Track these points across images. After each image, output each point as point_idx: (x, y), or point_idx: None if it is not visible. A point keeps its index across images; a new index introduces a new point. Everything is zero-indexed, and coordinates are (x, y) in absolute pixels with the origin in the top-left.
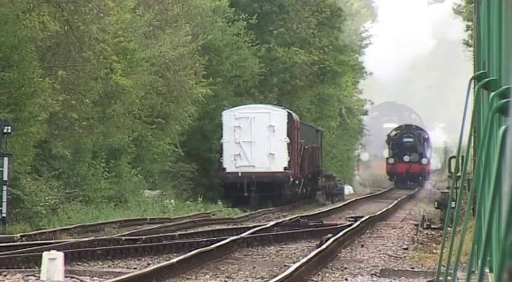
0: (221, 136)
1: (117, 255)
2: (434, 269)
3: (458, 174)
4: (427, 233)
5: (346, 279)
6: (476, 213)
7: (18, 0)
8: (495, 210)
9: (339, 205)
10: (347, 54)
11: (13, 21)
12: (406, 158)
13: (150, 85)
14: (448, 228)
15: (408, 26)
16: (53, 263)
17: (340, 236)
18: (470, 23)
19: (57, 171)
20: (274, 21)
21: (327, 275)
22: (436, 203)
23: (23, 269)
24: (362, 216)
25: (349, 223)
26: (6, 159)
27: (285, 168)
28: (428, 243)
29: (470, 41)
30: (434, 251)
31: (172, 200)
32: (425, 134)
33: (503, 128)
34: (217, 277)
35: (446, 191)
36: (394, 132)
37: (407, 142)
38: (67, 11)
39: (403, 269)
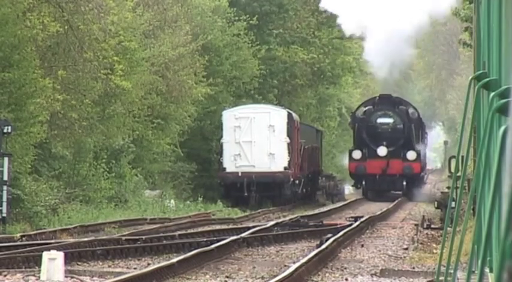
0: (221, 136)
1: (117, 255)
2: (434, 269)
3: (458, 174)
4: (427, 233)
5: (346, 279)
6: (476, 213)
7: (19, 0)
8: (495, 210)
9: (339, 205)
10: (345, 55)
11: (13, 21)
12: (382, 151)
13: (150, 84)
14: (448, 228)
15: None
16: (53, 263)
17: (340, 236)
18: (468, 24)
19: (57, 171)
20: (274, 21)
21: (327, 275)
22: (436, 203)
23: (23, 269)
24: (362, 216)
25: (349, 223)
26: (6, 159)
27: (285, 168)
28: (429, 243)
29: (468, 41)
30: (435, 251)
31: (172, 200)
32: (415, 111)
33: (503, 128)
34: (217, 277)
35: (446, 191)
36: (362, 109)
37: (383, 124)
38: (67, 11)
39: (403, 269)
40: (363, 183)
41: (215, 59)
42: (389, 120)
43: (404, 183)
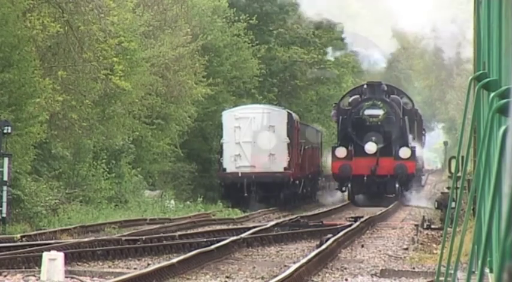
0: (221, 136)
1: (118, 255)
2: (434, 269)
3: (458, 175)
4: (427, 234)
5: (346, 280)
6: (476, 213)
7: (19, 0)
8: (495, 210)
9: (339, 205)
10: (347, 56)
11: (13, 22)
12: (371, 148)
13: (150, 85)
14: (448, 229)
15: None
16: (53, 263)
17: (340, 236)
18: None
19: (57, 172)
20: (274, 21)
21: (327, 275)
22: (436, 203)
23: (23, 270)
24: (362, 217)
25: (349, 223)
26: (6, 159)
27: (285, 168)
28: (429, 244)
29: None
30: (435, 251)
31: (172, 201)
32: (409, 102)
33: (503, 128)
34: (217, 277)
35: (446, 191)
36: (348, 99)
37: (372, 117)
38: (67, 11)
39: (404, 269)
40: (349, 185)
41: (215, 59)
42: (379, 112)
43: (397, 185)
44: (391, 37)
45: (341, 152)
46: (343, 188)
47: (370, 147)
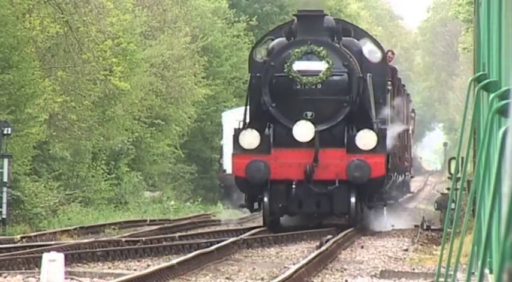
0: (221, 137)
1: (117, 256)
2: (434, 270)
3: (458, 176)
4: (427, 234)
5: (346, 281)
6: (476, 214)
7: (18, 1)
8: (495, 211)
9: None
10: None
11: (13, 23)
12: (304, 132)
13: (150, 85)
14: (448, 230)
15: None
16: (53, 264)
17: (340, 237)
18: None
19: (56, 173)
20: (274, 22)
21: (327, 276)
22: (435, 204)
23: (23, 271)
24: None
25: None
26: (6, 160)
27: None
28: (428, 245)
29: (468, 45)
30: (435, 252)
31: (172, 201)
32: (378, 50)
33: (503, 129)
34: (217, 278)
35: (446, 192)
36: (269, 45)
37: (307, 75)
38: (66, 12)
39: (403, 270)
40: (265, 199)
41: (215, 60)
42: (320, 66)
43: (353, 199)
44: (391, 37)
45: (250, 138)
46: (255, 205)
47: (303, 130)
